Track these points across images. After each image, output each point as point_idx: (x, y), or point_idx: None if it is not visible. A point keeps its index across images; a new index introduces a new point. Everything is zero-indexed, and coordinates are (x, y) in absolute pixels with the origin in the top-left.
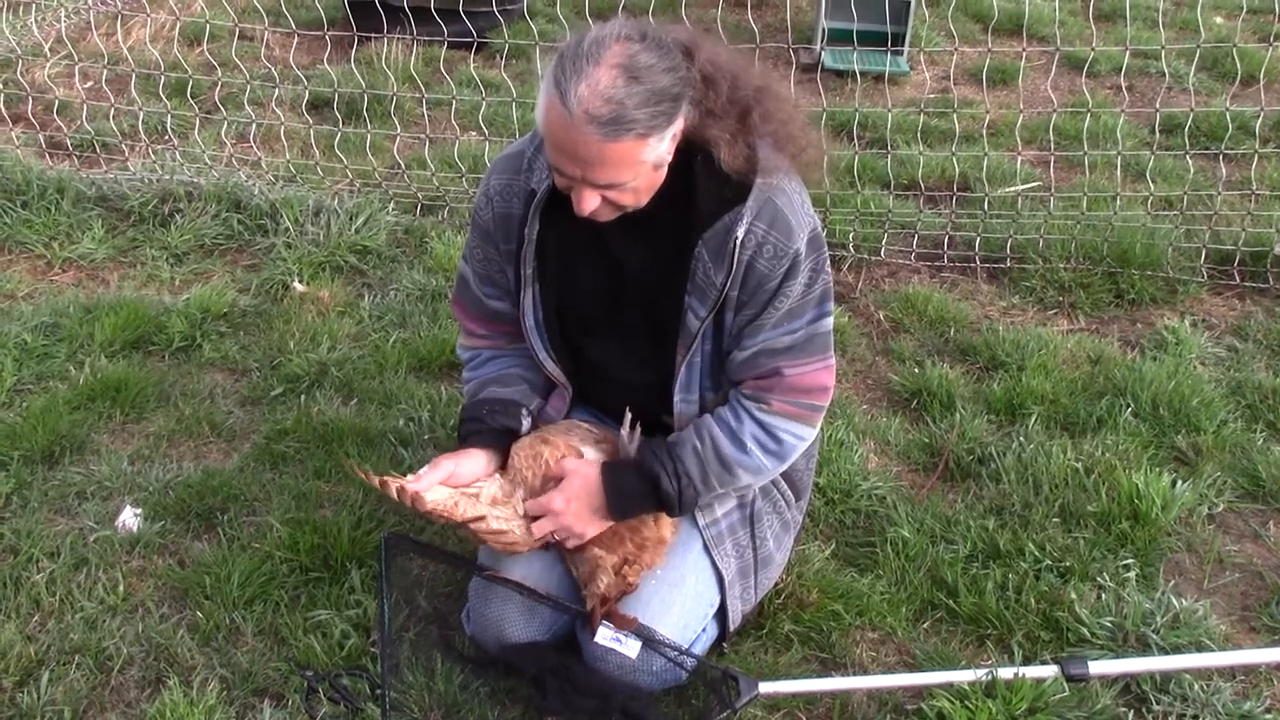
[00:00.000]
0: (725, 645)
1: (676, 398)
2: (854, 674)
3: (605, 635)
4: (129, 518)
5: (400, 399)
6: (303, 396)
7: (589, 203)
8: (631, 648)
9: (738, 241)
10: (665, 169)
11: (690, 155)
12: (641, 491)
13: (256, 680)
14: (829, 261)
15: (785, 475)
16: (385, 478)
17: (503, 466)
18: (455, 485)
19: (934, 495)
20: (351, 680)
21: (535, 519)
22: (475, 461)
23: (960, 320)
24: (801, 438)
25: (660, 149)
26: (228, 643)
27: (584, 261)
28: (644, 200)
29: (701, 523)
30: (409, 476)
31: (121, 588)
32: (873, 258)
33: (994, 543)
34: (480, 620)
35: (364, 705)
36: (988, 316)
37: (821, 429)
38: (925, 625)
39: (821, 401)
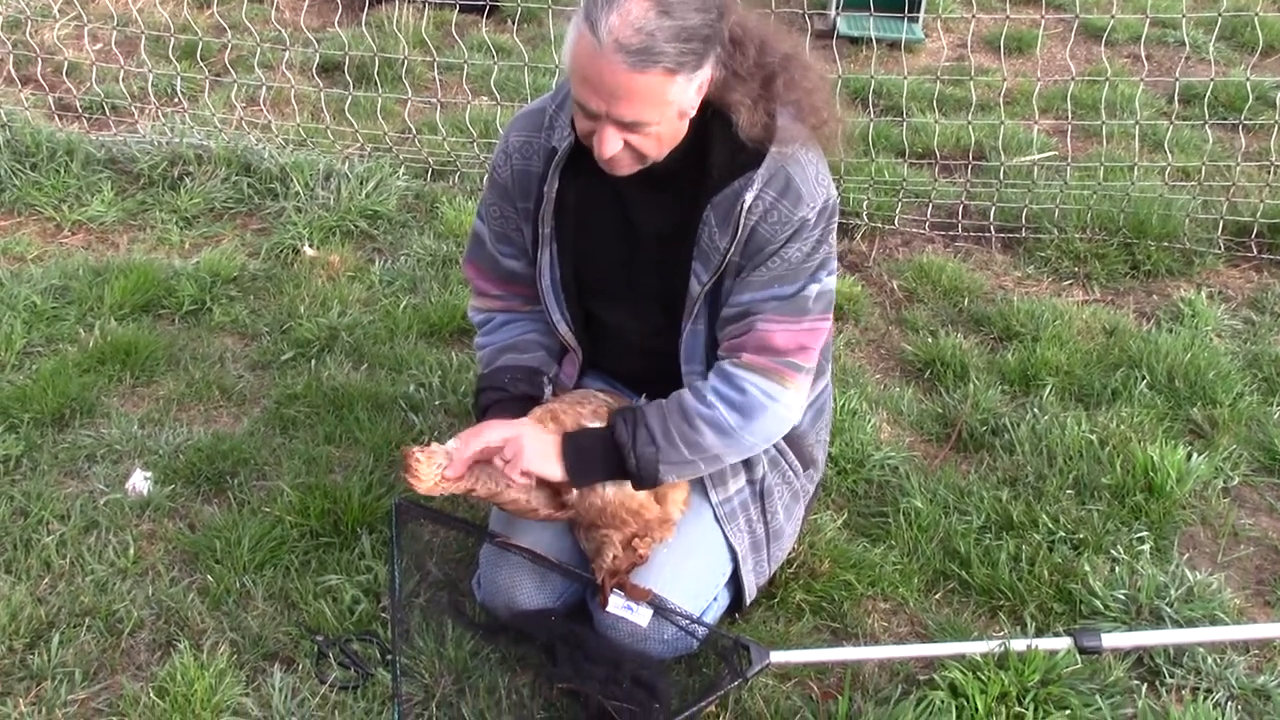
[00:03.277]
0: (738, 615)
1: (683, 368)
2: (865, 644)
3: (617, 604)
4: (139, 481)
5: (411, 364)
6: (313, 361)
7: (610, 145)
8: (642, 615)
9: (745, 207)
10: (688, 121)
11: (709, 118)
12: (598, 438)
13: (267, 644)
14: (836, 232)
15: (791, 444)
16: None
17: None
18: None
19: (947, 466)
20: (362, 645)
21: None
22: (494, 433)
23: (974, 290)
24: (770, 396)
25: (687, 92)
26: (238, 606)
27: (601, 222)
28: (664, 150)
29: (714, 499)
30: (437, 446)
31: (132, 551)
32: (886, 227)
33: (1007, 514)
34: (491, 586)
35: (374, 670)
36: (1002, 287)
37: (834, 397)
38: (937, 596)
39: (800, 361)
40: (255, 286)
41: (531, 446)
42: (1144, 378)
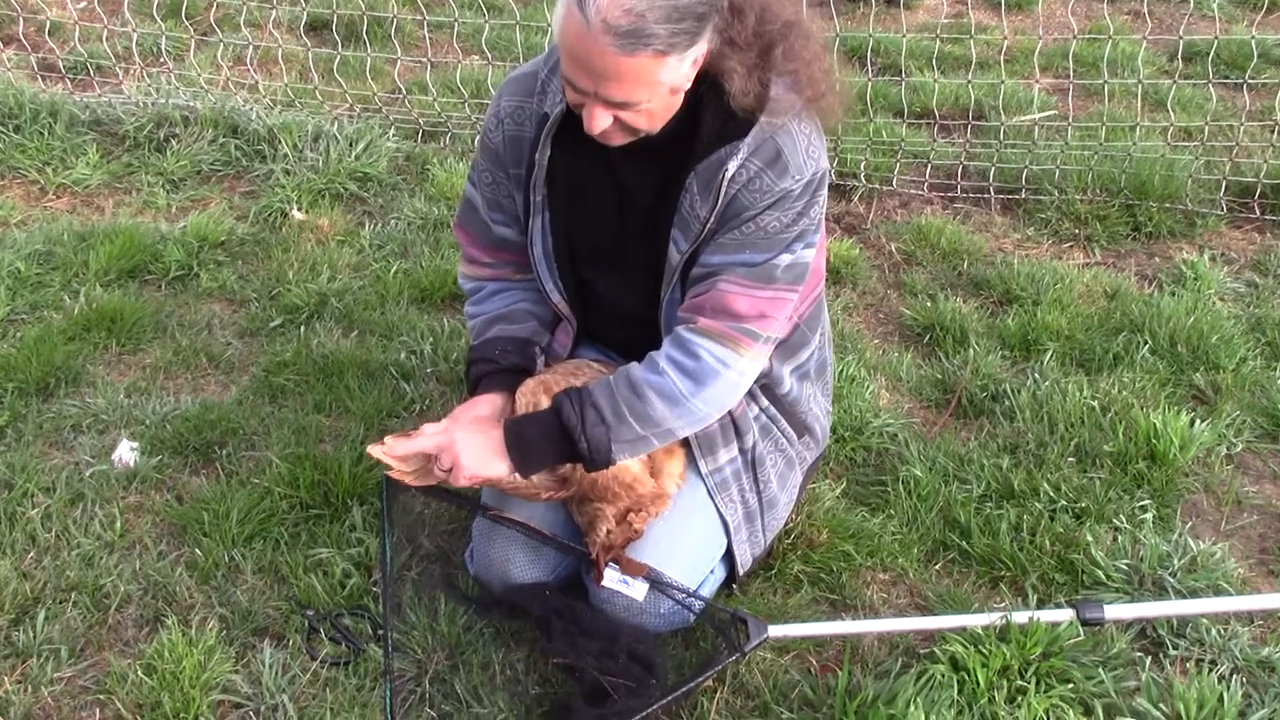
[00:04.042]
0: (734, 587)
1: (664, 339)
2: (865, 616)
3: (612, 578)
4: (125, 452)
5: (402, 331)
6: (302, 328)
7: (600, 122)
8: (638, 590)
9: (727, 175)
10: (682, 95)
11: (704, 86)
12: (544, 426)
13: (256, 619)
14: (822, 206)
15: (783, 411)
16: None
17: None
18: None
19: (946, 433)
20: (353, 620)
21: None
22: (487, 406)
23: (974, 253)
24: (723, 362)
25: (680, 71)
26: (227, 581)
27: (593, 190)
28: (657, 125)
29: (704, 470)
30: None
31: (118, 524)
32: (884, 188)
33: (1008, 482)
34: (484, 560)
35: (366, 646)
36: (1001, 249)
37: (833, 363)
38: (937, 566)
39: (757, 329)
40: (243, 251)
41: (468, 451)
42: (1146, 342)
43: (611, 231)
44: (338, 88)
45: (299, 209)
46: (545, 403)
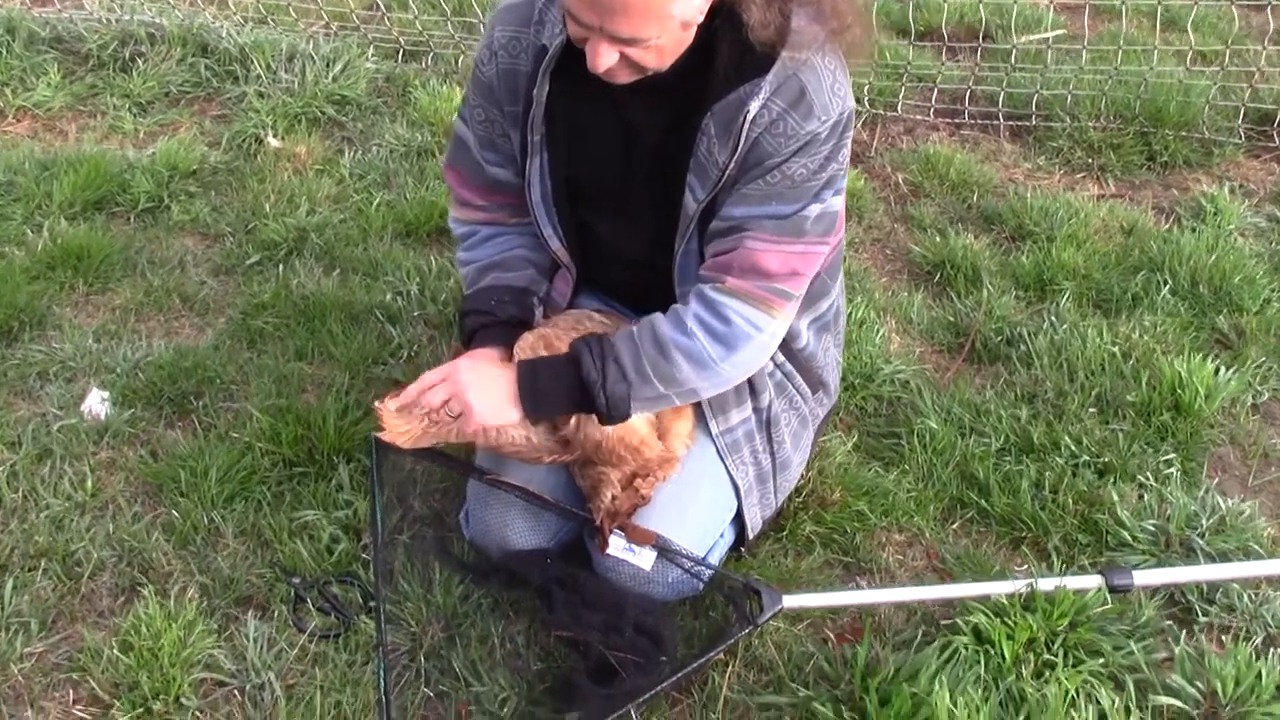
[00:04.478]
0: (743, 550)
1: (677, 289)
2: (880, 580)
3: (617, 546)
4: (95, 402)
5: (386, 269)
6: (280, 266)
7: (605, 59)
8: (645, 559)
9: (748, 117)
10: (694, 29)
11: (718, 19)
12: (560, 374)
13: (239, 588)
14: (849, 148)
15: (799, 366)
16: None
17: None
18: None
19: (960, 380)
20: (342, 589)
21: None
22: (486, 363)
23: (984, 184)
24: (755, 325)
25: (692, 3)
26: (206, 545)
27: (596, 129)
28: (667, 63)
29: (715, 430)
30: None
31: (90, 482)
32: (889, 113)
33: (1027, 435)
34: (480, 525)
35: (356, 617)
36: (1012, 180)
37: (845, 309)
38: (955, 526)
39: (790, 288)
40: (216, 181)
41: (481, 396)
42: (1166, 282)
43: (616, 173)
44: (312, 3)
45: (274, 135)
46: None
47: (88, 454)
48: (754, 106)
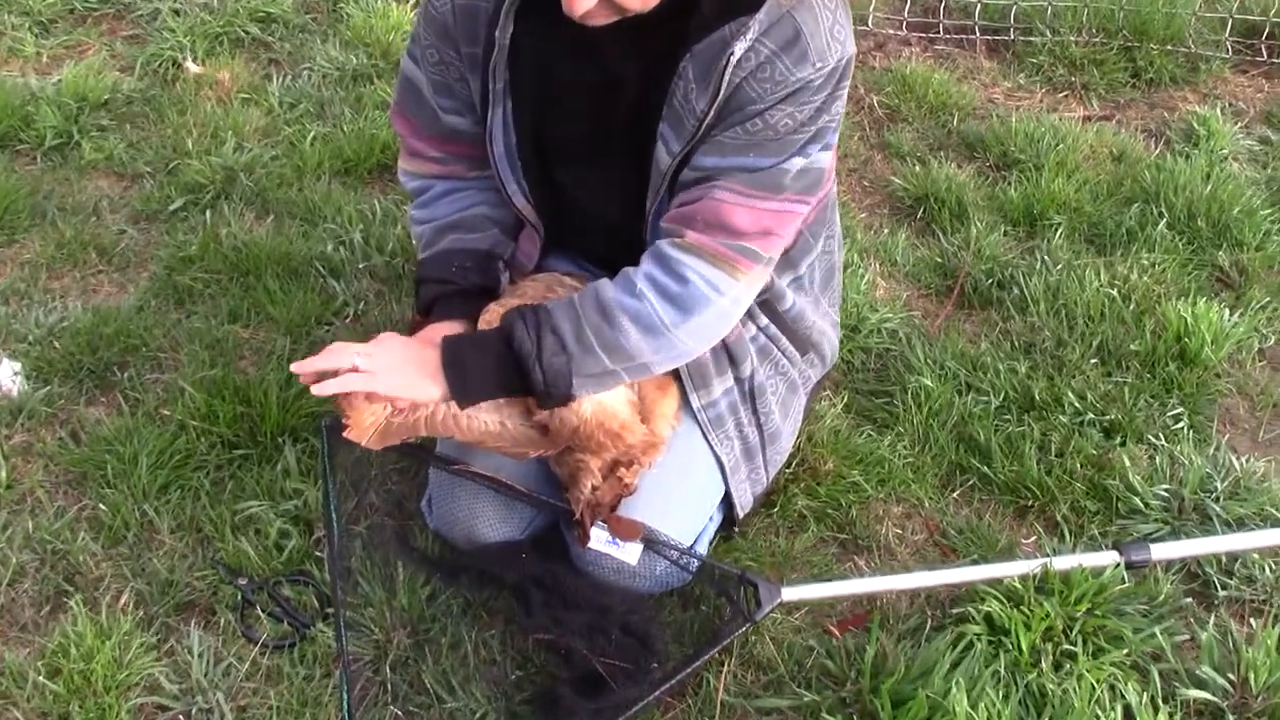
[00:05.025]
0: (735, 529)
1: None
2: (880, 558)
3: (600, 538)
4: (7, 377)
5: (326, 214)
6: (208, 212)
7: (581, 2)
8: (631, 552)
9: (732, 60)
10: None
11: None
12: (488, 346)
13: (178, 592)
14: (844, 99)
15: (785, 327)
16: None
17: None
18: None
19: (952, 328)
20: (294, 590)
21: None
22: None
23: (963, 106)
24: (716, 287)
25: None
26: (140, 544)
27: (566, 74)
28: (652, 1)
29: (696, 405)
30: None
31: (4, 473)
32: (859, 27)
33: (1027, 391)
34: (446, 516)
35: (312, 624)
36: (992, 100)
37: (841, 264)
38: (955, 494)
39: (759, 248)
40: (131, 112)
41: (390, 370)
42: (1162, 215)
43: (587, 125)
44: None
45: (193, 59)
46: None
47: (1, 439)
48: (739, 48)
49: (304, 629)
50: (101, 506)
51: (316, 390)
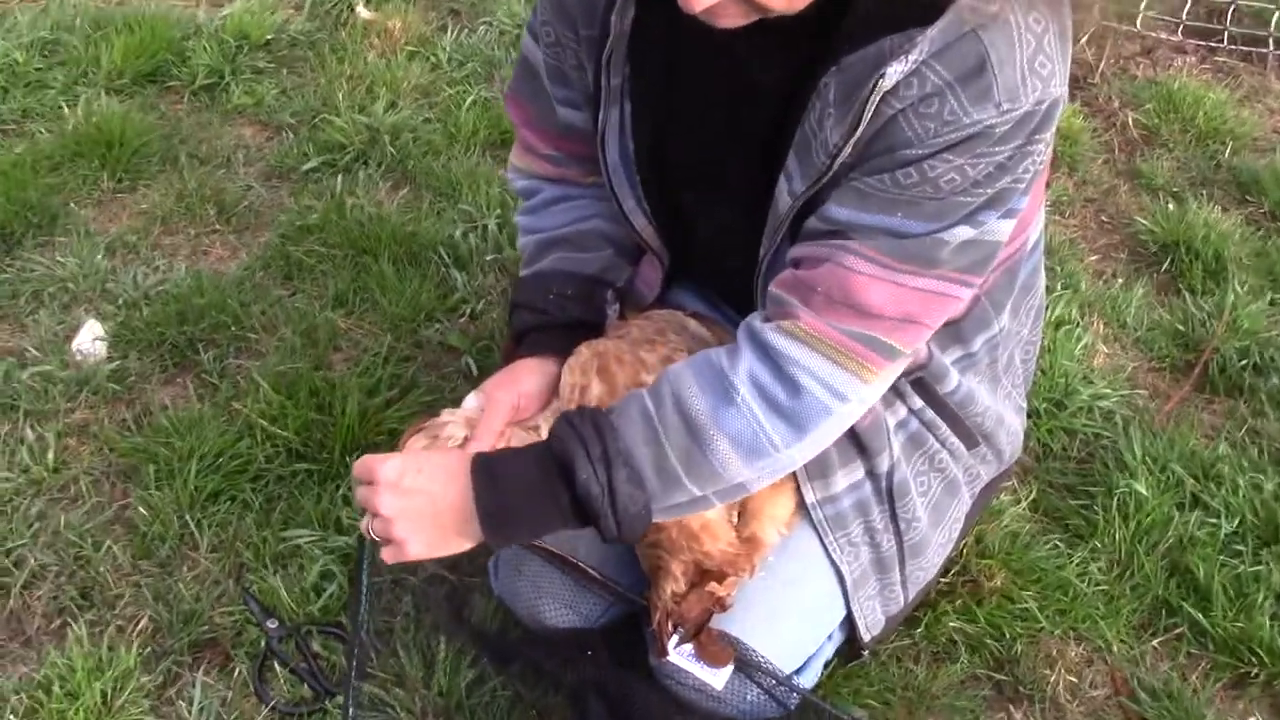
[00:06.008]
0: (863, 652)
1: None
2: (1044, 714)
3: (683, 650)
4: (88, 340)
5: (465, 191)
6: (341, 176)
7: None
8: (718, 676)
9: (883, 84)
10: None
11: None
12: (536, 485)
13: (197, 628)
14: (1039, 156)
15: (946, 415)
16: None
17: None
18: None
19: (1184, 419)
20: (325, 645)
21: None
22: (534, 379)
23: (1240, 135)
24: (840, 395)
25: None
26: (172, 561)
27: (697, 75)
28: (799, 3)
29: (810, 499)
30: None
31: (52, 454)
32: (1124, 27)
33: (1272, 519)
34: (509, 588)
35: (336, 692)
36: (1278, 131)
37: (1041, 341)
38: (1155, 642)
39: (895, 341)
40: (292, 56)
41: (418, 521)
42: None
43: (716, 139)
44: None
45: (366, 2)
46: (597, 389)
47: (60, 413)
48: (894, 70)
49: (326, 696)
50: (142, 509)
51: None
